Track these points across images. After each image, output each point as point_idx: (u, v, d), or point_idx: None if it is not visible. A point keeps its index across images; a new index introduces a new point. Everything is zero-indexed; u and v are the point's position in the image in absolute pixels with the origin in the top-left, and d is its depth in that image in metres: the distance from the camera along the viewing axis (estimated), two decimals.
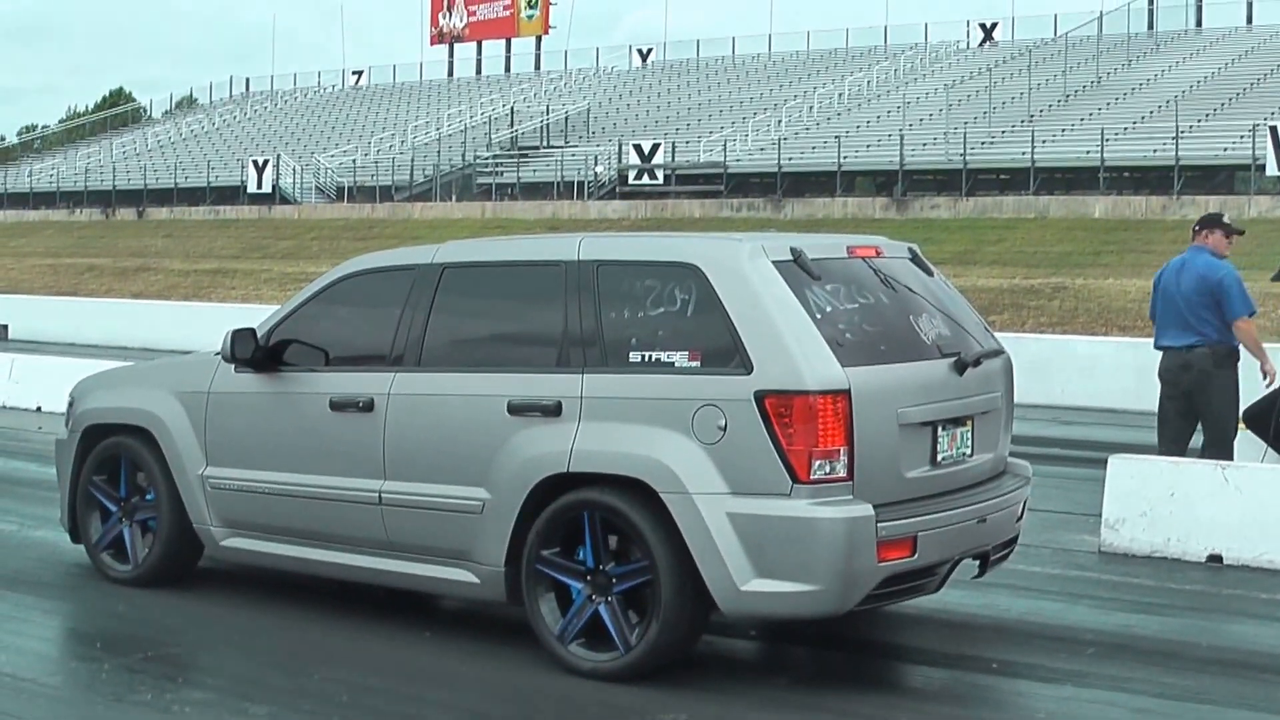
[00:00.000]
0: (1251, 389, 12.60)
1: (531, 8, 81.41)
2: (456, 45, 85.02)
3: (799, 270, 7.65)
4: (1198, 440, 12.11)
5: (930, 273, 8.55)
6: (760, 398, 7.27)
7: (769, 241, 7.89)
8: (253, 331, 9.02)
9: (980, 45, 68.49)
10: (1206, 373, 11.67)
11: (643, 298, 7.79)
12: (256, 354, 8.95)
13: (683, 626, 7.53)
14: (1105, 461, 11.27)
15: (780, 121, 58.67)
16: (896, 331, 7.90)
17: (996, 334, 9.00)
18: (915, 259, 8.56)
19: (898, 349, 7.79)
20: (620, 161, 55.46)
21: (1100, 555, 10.90)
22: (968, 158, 49.51)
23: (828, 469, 7.25)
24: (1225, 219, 12.24)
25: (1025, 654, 8.40)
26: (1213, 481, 10.78)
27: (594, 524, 7.66)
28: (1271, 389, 12.72)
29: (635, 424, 7.57)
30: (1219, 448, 11.71)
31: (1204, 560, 10.59)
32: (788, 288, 7.52)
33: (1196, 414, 11.87)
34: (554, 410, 7.79)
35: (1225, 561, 10.53)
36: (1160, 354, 11.99)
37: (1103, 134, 47.70)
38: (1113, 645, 8.56)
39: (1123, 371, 19.88)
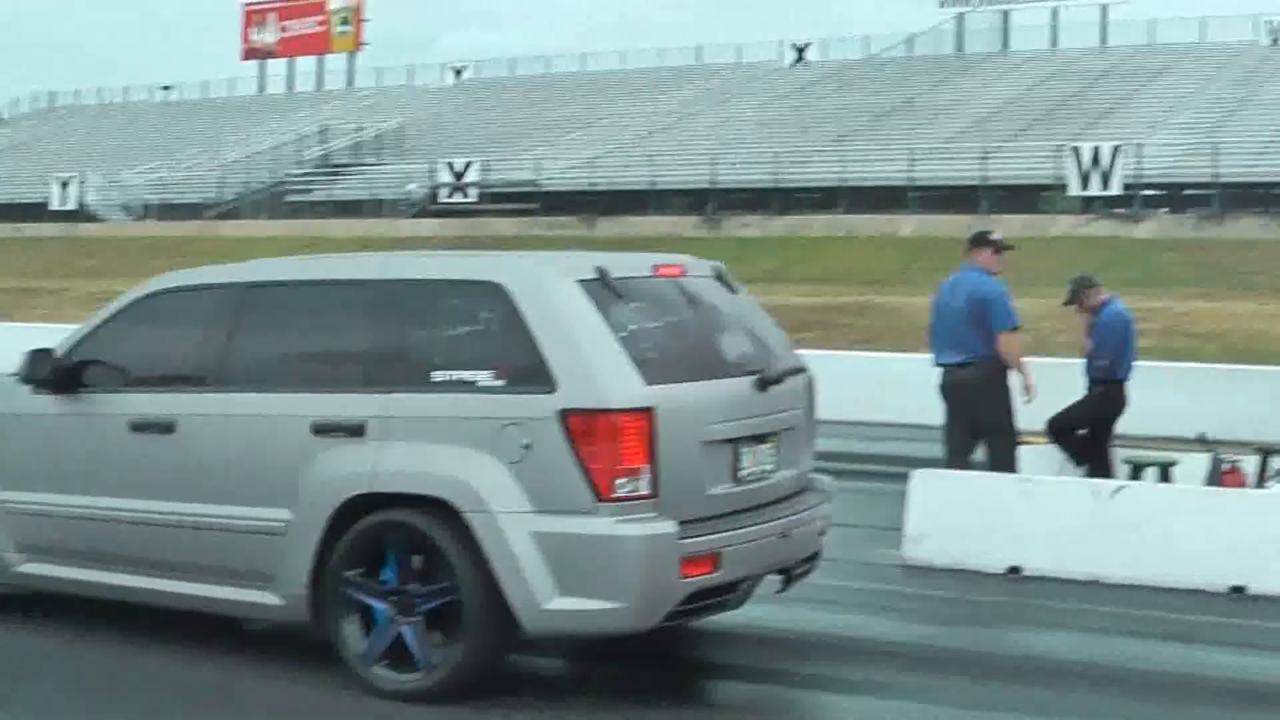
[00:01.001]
0: (1053, 400, 12.92)
1: (344, 24, 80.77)
2: (269, 61, 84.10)
3: (603, 289, 7.68)
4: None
5: (735, 291, 8.63)
6: (563, 416, 7.29)
7: (573, 260, 7.94)
8: (50, 352, 8.84)
9: (793, 66, 69.18)
10: (978, 388, 11.92)
11: (447, 317, 7.79)
12: (55, 374, 8.77)
13: (487, 646, 7.51)
14: (909, 476, 11.46)
15: (594, 140, 58.84)
16: (700, 349, 7.97)
17: (806, 351, 9.13)
18: (720, 278, 8.63)
19: (701, 367, 7.85)
20: (433, 179, 55.24)
21: (903, 569, 11.06)
22: (779, 177, 50.06)
23: (630, 487, 7.28)
24: (993, 236, 12.56)
25: (829, 667, 8.53)
26: (1012, 494, 11.03)
27: (397, 544, 7.62)
28: (1077, 400, 13.08)
29: (439, 443, 7.54)
30: (999, 461, 11.96)
31: (1004, 572, 10.79)
32: (592, 306, 7.56)
33: (975, 429, 12.13)
34: (357, 430, 7.73)
35: (1025, 573, 10.74)
36: (939, 371, 12.24)
37: (911, 154, 48.58)
38: (914, 657, 8.73)
39: (928, 387, 20.13)
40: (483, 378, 7.53)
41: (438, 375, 7.65)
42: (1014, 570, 10.78)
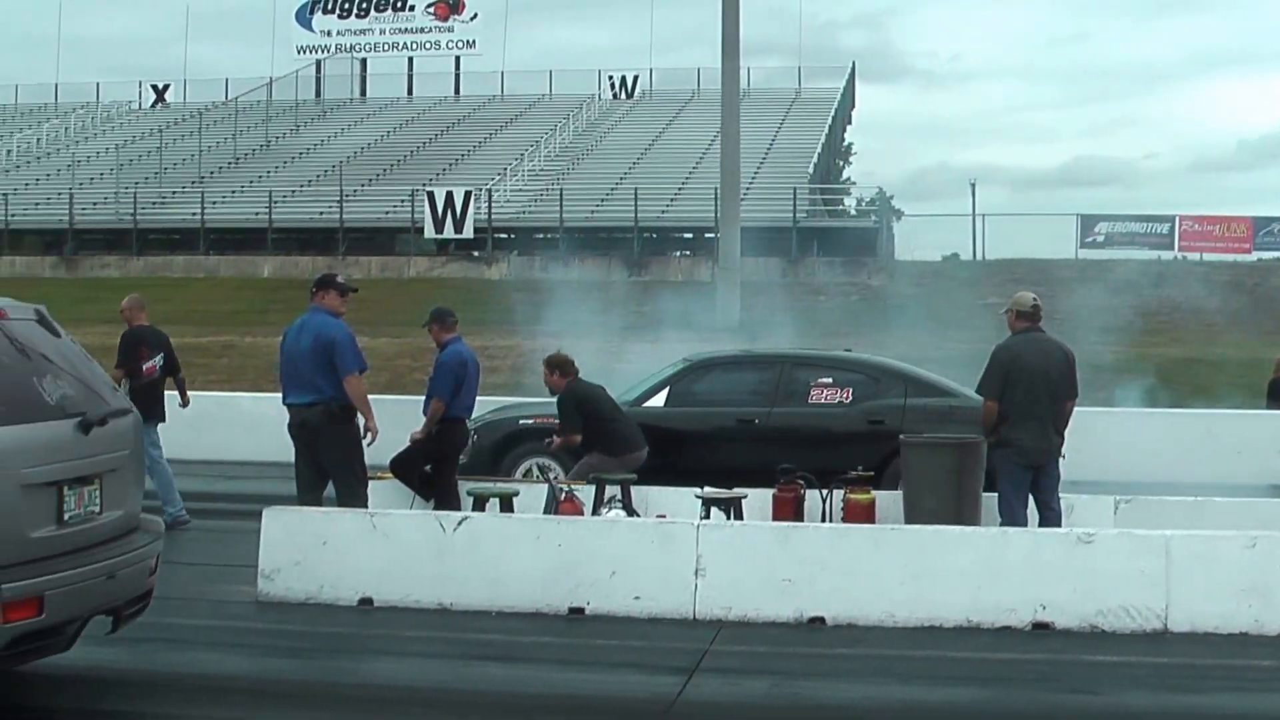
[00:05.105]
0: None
1: None
2: None
3: None
4: None
5: (58, 334, 8.44)
6: None
7: None
8: None
9: (153, 106, 68.02)
10: (323, 428, 12.10)
11: None
12: None
13: None
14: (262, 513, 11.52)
15: None
16: (17, 393, 7.76)
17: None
18: (42, 320, 8.43)
19: (18, 410, 7.65)
20: None
21: (257, 605, 11.10)
22: (138, 217, 49.19)
23: None
24: (339, 279, 12.71)
25: (178, 706, 8.53)
26: (361, 528, 11.29)
27: None
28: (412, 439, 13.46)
29: None
30: (347, 498, 12.19)
31: (356, 604, 11.02)
32: None
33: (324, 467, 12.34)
34: None
35: (376, 604, 11.00)
36: (289, 410, 12.39)
37: (271, 196, 48.63)
38: (262, 692, 8.86)
39: (284, 426, 20.23)
40: None
41: None
42: (366, 602, 11.02)
